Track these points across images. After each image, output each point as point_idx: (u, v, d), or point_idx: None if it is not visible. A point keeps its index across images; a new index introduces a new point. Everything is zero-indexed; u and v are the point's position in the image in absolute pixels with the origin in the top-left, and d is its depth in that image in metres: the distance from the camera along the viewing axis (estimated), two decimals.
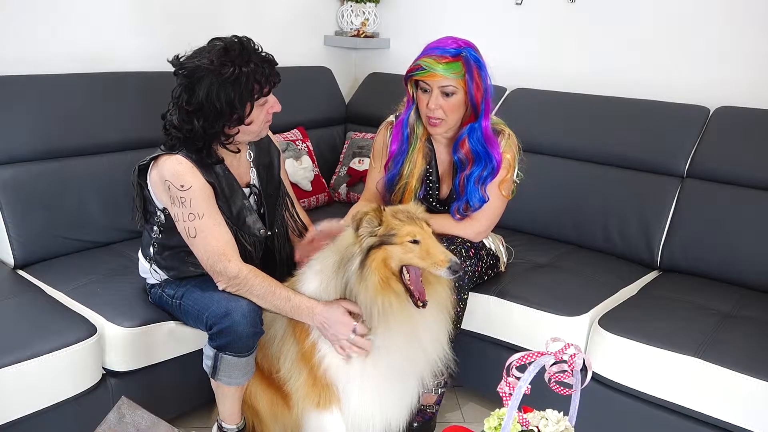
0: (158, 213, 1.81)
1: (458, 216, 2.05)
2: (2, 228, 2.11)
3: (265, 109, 1.78)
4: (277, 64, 1.78)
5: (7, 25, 2.31)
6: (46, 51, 2.41)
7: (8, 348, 1.64)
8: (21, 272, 2.13)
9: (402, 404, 1.81)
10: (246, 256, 1.80)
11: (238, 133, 1.76)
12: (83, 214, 2.25)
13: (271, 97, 1.78)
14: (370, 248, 1.64)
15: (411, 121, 2.05)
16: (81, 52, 2.50)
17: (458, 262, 1.63)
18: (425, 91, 1.95)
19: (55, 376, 1.69)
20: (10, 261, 2.14)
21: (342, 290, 1.71)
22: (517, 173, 2.07)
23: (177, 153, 1.73)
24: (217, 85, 1.66)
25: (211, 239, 1.74)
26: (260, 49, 1.75)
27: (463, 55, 1.89)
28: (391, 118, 2.15)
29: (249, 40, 1.75)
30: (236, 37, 1.74)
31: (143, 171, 1.79)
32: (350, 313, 1.69)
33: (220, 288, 1.76)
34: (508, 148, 2.02)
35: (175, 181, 1.70)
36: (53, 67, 2.39)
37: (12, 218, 2.11)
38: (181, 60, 1.72)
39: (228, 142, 1.78)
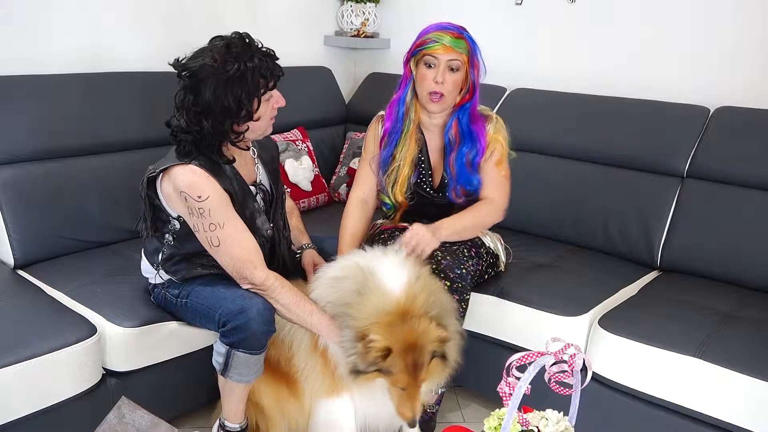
0: (172, 221, 1.81)
1: (459, 200, 2.08)
2: (2, 228, 2.11)
3: (271, 105, 1.78)
4: (278, 58, 1.78)
5: (7, 24, 2.31)
6: (46, 51, 2.41)
7: (8, 348, 1.64)
8: (21, 272, 2.13)
9: None
10: None
11: (247, 129, 1.77)
12: (83, 214, 2.25)
13: (275, 92, 1.79)
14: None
15: (408, 100, 2.07)
16: (81, 52, 2.50)
17: (416, 422, 1.70)
18: (430, 66, 1.97)
19: (55, 376, 1.69)
20: (10, 261, 2.14)
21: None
22: (509, 153, 2.12)
23: (189, 162, 1.71)
24: (224, 83, 1.66)
25: (235, 247, 1.74)
26: (260, 45, 1.76)
27: (464, 35, 1.98)
28: (382, 112, 2.16)
29: (248, 35, 1.75)
30: (236, 33, 1.74)
31: (151, 181, 1.78)
32: None
33: (243, 287, 1.78)
34: (500, 129, 2.08)
35: (192, 192, 1.69)
36: (53, 67, 2.39)
37: (12, 218, 2.11)
38: (182, 62, 1.72)
39: (238, 140, 1.78)
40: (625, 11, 2.73)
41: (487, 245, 2.15)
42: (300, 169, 2.85)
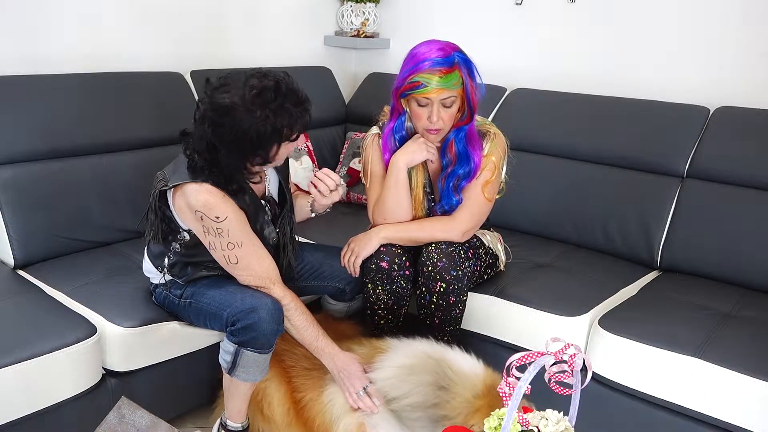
0: (182, 232, 1.81)
1: (437, 213, 2.06)
2: (2, 228, 2.11)
3: (292, 146, 1.76)
4: (311, 103, 1.73)
5: (7, 24, 2.31)
6: (46, 51, 2.41)
7: (8, 348, 1.64)
8: (21, 272, 2.13)
9: None
10: None
11: (260, 170, 1.79)
12: (83, 214, 2.25)
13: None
14: None
15: (406, 129, 2.02)
16: (81, 52, 2.50)
17: None
18: (423, 105, 1.89)
19: (55, 376, 1.69)
20: (10, 261, 2.14)
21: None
22: (504, 175, 2.06)
23: (204, 181, 1.70)
24: (246, 129, 1.63)
25: (254, 265, 1.78)
26: (297, 89, 1.69)
27: (456, 62, 1.85)
28: (375, 129, 2.11)
29: (286, 80, 1.68)
30: (274, 77, 1.67)
31: (162, 192, 1.77)
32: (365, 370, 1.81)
33: None
34: (493, 150, 2.01)
35: (209, 212, 1.69)
36: (53, 67, 2.39)
37: (12, 218, 2.11)
38: (214, 88, 1.67)
39: (251, 177, 1.79)
40: (625, 11, 2.73)
41: (486, 245, 2.15)
42: (300, 169, 2.85)
